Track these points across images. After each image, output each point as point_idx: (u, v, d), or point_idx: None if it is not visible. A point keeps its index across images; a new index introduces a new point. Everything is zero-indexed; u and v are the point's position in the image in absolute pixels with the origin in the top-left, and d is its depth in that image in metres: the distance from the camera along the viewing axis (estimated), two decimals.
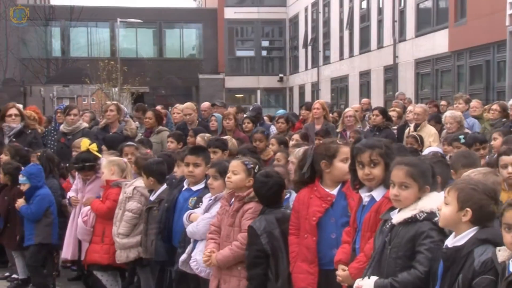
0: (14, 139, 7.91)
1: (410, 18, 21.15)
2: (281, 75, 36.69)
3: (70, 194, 6.48)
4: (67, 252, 6.31)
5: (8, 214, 6.86)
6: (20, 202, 6.51)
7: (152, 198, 5.65)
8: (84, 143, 6.55)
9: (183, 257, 4.91)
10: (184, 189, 5.31)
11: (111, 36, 36.47)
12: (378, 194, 3.65)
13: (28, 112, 9.16)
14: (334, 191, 4.08)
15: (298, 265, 4.10)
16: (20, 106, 8.69)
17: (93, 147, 6.48)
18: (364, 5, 25.54)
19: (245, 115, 11.40)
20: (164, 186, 5.61)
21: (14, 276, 6.96)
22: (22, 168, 6.78)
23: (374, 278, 3.26)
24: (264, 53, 38.11)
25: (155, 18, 36.77)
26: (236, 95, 36.71)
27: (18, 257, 6.89)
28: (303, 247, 4.08)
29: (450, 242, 3.07)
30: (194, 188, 5.25)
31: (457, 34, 17.92)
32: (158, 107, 12.27)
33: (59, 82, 43.75)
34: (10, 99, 17.79)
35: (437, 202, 3.22)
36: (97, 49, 36.11)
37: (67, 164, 7.16)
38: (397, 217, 3.33)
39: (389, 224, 3.36)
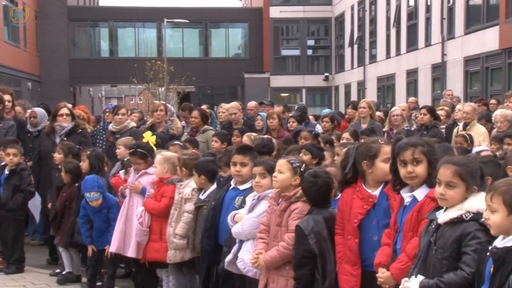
0: (65, 138, 8.07)
1: (459, 15, 20.76)
2: (326, 74, 36.53)
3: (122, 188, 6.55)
4: (113, 246, 6.35)
5: (63, 211, 7.02)
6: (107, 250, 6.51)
7: (202, 197, 5.65)
8: (147, 134, 6.70)
9: (229, 257, 4.93)
10: (231, 188, 5.32)
11: (158, 36, 36.95)
12: (420, 194, 3.61)
13: (78, 112, 9.34)
14: (376, 192, 4.04)
15: (342, 266, 4.09)
16: (70, 105, 8.86)
17: (153, 139, 6.59)
18: (411, 2, 25.19)
19: (290, 115, 11.39)
20: (215, 185, 5.62)
21: (64, 273, 7.10)
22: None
23: (420, 278, 3.22)
24: (309, 52, 37.99)
25: (201, 18, 37.10)
26: (281, 94, 36.72)
27: (64, 251, 7.05)
28: (346, 248, 4.07)
29: (500, 243, 3.01)
30: (241, 187, 5.26)
31: (508, 31, 17.50)
32: (204, 107, 12.36)
33: (107, 82, 44.59)
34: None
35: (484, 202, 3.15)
36: (144, 49, 36.64)
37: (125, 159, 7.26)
38: (442, 217, 3.28)
39: (435, 224, 3.31)
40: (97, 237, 6.57)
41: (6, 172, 7.43)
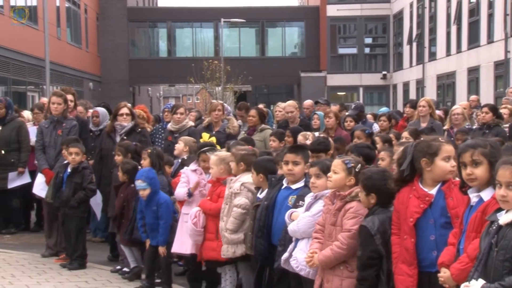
0: (125, 137, 8.22)
1: None
2: (384, 72, 36.06)
3: (183, 190, 6.51)
4: (186, 247, 6.32)
5: (122, 211, 7.15)
6: (162, 251, 6.50)
7: (260, 196, 5.64)
8: (205, 136, 6.82)
9: (285, 255, 4.93)
10: (283, 187, 5.32)
11: (215, 36, 37.28)
12: (486, 194, 3.54)
13: (138, 111, 9.49)
14: (433, 191, 3.96)
15: (399, 266, 4.04)
16: (130, 105, 9.01)
17: (212, 139, 6.67)
18: None
19: (347, 113, 11.29)
20: None
21: (125, 269, 7.23)
22: (139, 167, 7.00)
23: (481, 282, 3.15)
24: (367, 50, 37.59)
25: (257, 18, 37.23)
26: (338, 93, 36.47)
27: (126, 248, 7.17)
28: (403, 248, 4.01)
29: None
30: (294, 186, 5.25)
31: None
32: (260, 106, 12.38)
33: (165, 82, 45.31)
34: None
35: None
36: (202, 49, 37.04)
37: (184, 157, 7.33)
38: (504, 218, 3.20)
39: (496, 225, 3.24)
40: (149, 232, 6.62)
41: (69, 170, 7.61)
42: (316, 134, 7.83)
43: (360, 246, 4.22)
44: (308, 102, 11.60)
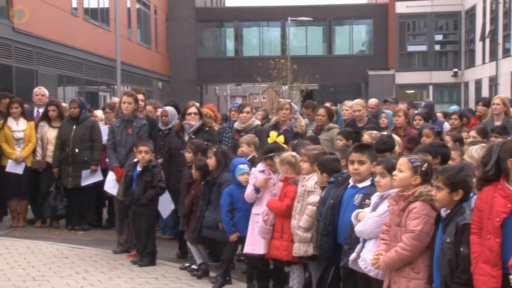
0: (193, 136, 8.32)
1: None
2: (455, 69, 35.17)
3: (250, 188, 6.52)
4: (259, 248, 6.32)
5: (192, 208, 7.24)
6: None
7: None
8: (272, 135, 6.80)
9: (353, 256, 4.89)
10: (349, 186, 5.29)
11: (282, 35, 37.30)
12: None
13: (205, 110, 9.58)
14: None
15: (479, 266, 3.93)
16: (198, 104, 9.12)
17: (280, 139, 6.68)
18: None
19: (416, 112, 11.07)
20: None
21: (193, 267, 7.31)
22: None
23: None
24: (437, 47, 36.77)
25: (325, 16, 37.03)
26: (407, 91, 35.82)
27: (192, 245, 7.22)
28: (485, 248, 3.90)
29: None
30: (360, 185, 5.22)
31: None
32: (327, 104, 12.28)
33: (232, 81, 45.71)
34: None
35: None
36: (268, 48, 37.14)
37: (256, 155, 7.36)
38: None
39: None
40: (245, 221, 6.54)
41: (139, 169, 7.75)
42: (384, 133, 7.70)
43: (467, 244, 4.07)
44: (373, 102, 11.39)
